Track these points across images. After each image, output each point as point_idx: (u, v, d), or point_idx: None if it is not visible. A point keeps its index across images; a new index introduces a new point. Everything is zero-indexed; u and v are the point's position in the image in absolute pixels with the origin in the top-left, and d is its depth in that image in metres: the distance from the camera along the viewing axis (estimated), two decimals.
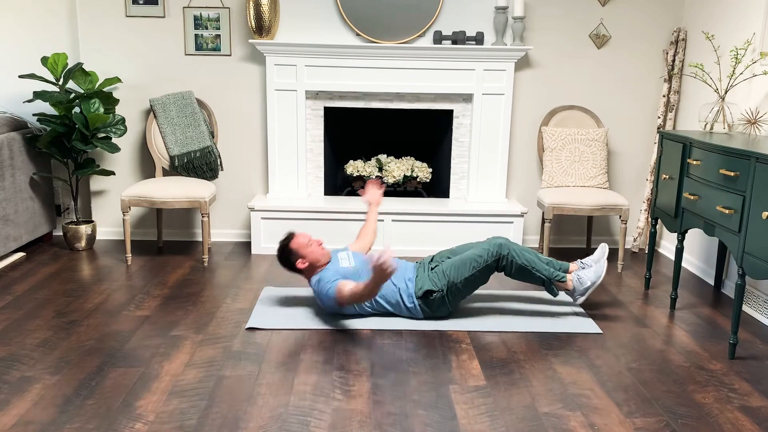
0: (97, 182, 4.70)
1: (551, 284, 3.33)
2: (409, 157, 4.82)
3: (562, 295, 3.68)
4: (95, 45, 4.49)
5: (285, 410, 2.43)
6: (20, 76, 4.09)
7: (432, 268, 3.35)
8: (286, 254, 3.33)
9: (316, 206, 4.41)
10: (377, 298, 3.24)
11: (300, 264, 3.30)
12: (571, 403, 2.53)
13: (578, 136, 4.42)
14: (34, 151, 4.33)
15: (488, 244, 3.32)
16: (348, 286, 3.11)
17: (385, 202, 4.54)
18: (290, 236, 3.36)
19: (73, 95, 4.22)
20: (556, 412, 2.47)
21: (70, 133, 4.19)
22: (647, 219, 4.62)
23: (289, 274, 4.01)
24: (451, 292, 3.24)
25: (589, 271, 3.38)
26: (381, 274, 2.85)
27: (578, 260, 3.51)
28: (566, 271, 3.42)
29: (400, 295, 3.25)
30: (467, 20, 4.48)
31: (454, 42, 4.41)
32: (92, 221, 4.56)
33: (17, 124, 4.25)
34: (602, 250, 3.47)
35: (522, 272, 3.31)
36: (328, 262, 3.34)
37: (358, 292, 3.05)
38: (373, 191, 3.76)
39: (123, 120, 4.33)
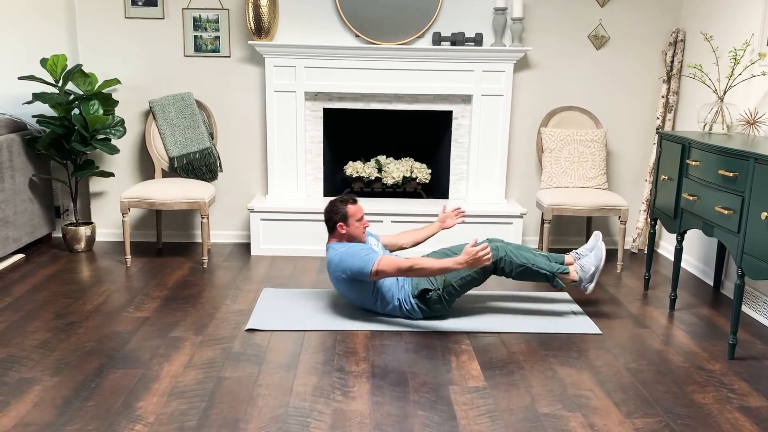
0: (96, 184, 4.70)
1: (555, 278, 3.33)
2: (408, 158, 4.83)
3: (561, 295, 3.69)
4: (94, 46, 4.49)
5: (285, 411, 2.43)
6: (19, 78, 4.09)
7: None
8: (336, 209, 3.30)
9: (315, 207, 4.41)
10: (379, 299, 3.25)
11: (340, 228, 3.29)
12: (570, 404, 2.53)
13: (577, 137, 4.43)
14: (33, 153, 4.32)
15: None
16: (399, 260, 3.08)
17: (384, 203, 4.54)
18: (352, 200, 3.33)
19: (72, 97, 4.22)
20: (556, 412, 2.47)
21: (70, 135, 4.19)
22: (646, 220, 4.63)
23: (288, 276, 4.01)
24: (447, 291, 3.24)
25: (589, 258, 3.39)
26: (476, 261, 2.99)
27: (572, 251, 3.51)
28: (563, 263, 3.41)
29: (398, 293, 3.25)
30: (466, 21, 4.48)
31: (453, 43, 4.42)
32: (92, 223, 4.56)
33: (16, 126, 4.25)
34: (596, 237, 3.45)
35: (524, 272, 3.30)
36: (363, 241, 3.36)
37: (429, 266, 3.05)
38: (452, 218, 3.67)
39: (122, 121, 4.33)
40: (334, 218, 3.30)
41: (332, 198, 3.42)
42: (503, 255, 3.27)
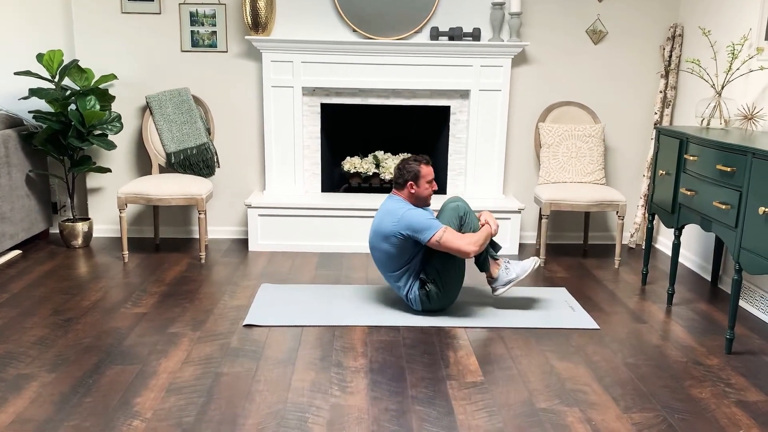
0: (93, 179, 4.69)
1: (485, 259, 3.35)
2: (406, 154, 4.82)
3: (559, 290, 3.69)
4: (91, 42, 4.48)
5: (283, 407, 2.43)
6: (15, 74, 4.07)
7: (422, 265, 3.33)
8: (410, 168, 3.26)
9: (313, 203, 4.41)
10: (401, 270, 3.26)
11: (410, 186, 3.26)
12: (568, 399, 2.54)
13: (575, 132, 4.42)
14: (30, 149, 4.31)
15: (448, 215, 3.27)
16: (460, 239, 3.11)
17: (382, 198, 4.54)
18: (425, 161, 3.29)
19: (68, 92, 4.21)
20: (554, 407, 2.47)
21: (66, 131, 4.18)
22: (644, 215, 4.63)
23: (286, 271, 4.01)
24: (441, 277, 3.23)
25: (516, 266, 3.39)
26: (495, 225, 3.22)
27: (506, 257, 3.50)
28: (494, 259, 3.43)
29: (412, 280, 3.27)
30: (464, 16, 4.47)
31: (451, 38, 4.41)
32: (89, 219, 4.55)
33: (13, 122, 4.23)
34: (533, 260, 3.41)
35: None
36: (424, 207, 3.33)
37: (477, 240, 3.13)
38: (493, 223, 3.45)
39: (119, 117, 4.32)
40: (405, 176, 3.26)
41: (405, 156, 3.37)
42: (462, 214, 3.27)
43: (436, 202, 4.48)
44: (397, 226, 3.17)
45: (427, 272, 3.25)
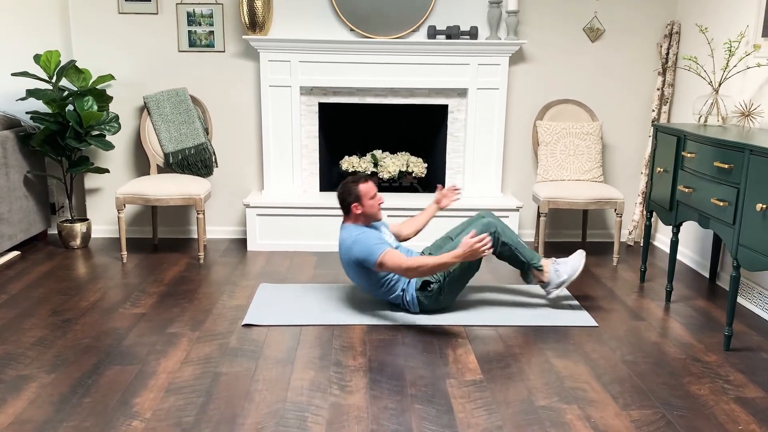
0: (91, 180, 4.69)
1: (529, 270, 3.35)
2: (404, 153, 4.82)
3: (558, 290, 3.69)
4: (88, 42, 4.48)
5: (282, 406, 2.43)
6: (13, 74, 4.07)
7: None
8: (349, 191, 3.29)
9: (311, 202, 4.41)
10: (384, 285, 3.26)
11: (354, 209, 3.28)
12: (567, 396, 2.54)
13: (573, 130, 4.43)
14: (27, 150, 4.31)
15: (476, 226, 3.30)
16: (403, 258, 3.07)
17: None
18: (364, 178, 3.32)
19: (66, 93, 4.20)
20: (553, 405, 2.48)
21: (64, 131, 4.18)
22: (642, 212, 4.64)
23: (284, 271, 4.01)
24: (447, 282, 3.24)
25: (566, 265, 3.39)
26: (473, 253, 2.93)
27: (553, 258, 3.51)
28: (539, 260, 3.42)
29: (401, 283, 3.26)
30: (461, 15, 4.47)
31: (449, 36, 4.41)
32: (87, 219, 4.55)
33: (10, 123, 4.23)
34: (579, 253, 3.44)
35: (505, 252, 3.32)
36: (373, 224, 3.34)
37: (429, 264, 3.02)
38: (449, 196, 3.62)
39: (117, 117, 4.32)
40: (348, 200, 3.29)
41: (344, 180, 3.38)
42: (493, 230, 3.28)
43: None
44: (349, 258, 3.22)
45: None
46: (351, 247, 3.20)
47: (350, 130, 4.89)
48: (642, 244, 3.99)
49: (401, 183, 4.82)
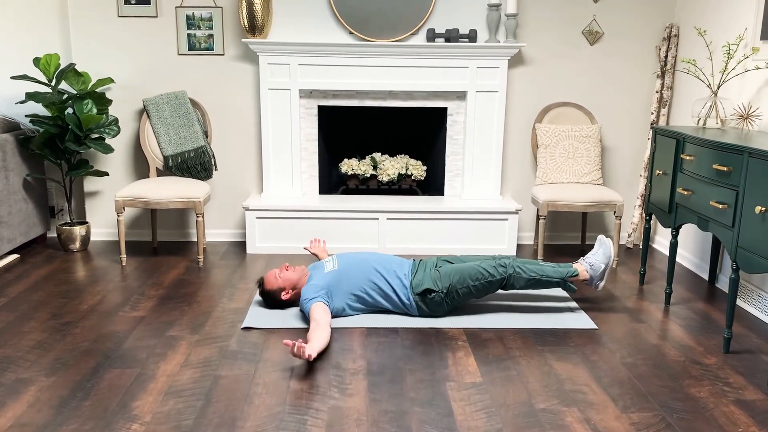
0: (90, 183, 4.69)
1: (566, 283, 3.36)
2: (403, 155, 4.82)
3: (557, 291, 3.69)
4: (88, 45, 4.48)
5: (282, 409, 2.43)
6: (12, 77, 4.07)
7: (437, 269, 3.33)
8: (270, 298, 3.36)
9: (310, 205, 4.41)
10: (368, 295, 3.26)
11: (284, 296, 3.32)
12: (567, 399, 2.54)
13: (572, 133, 4.43)
14: (27, 153, 4.31)
15: (495, 262, 3.33)
16: (319, 315, 2.98)
17: (380, 200, 4.54)
18: (260, 282, 3.39)
19: (65, 96, 4.20)
20: (553, 407, 2.48)
21: (63, 134, 4.18)
22: (641, 215, 4.64)
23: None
24: (449, 296, 3.25)
25: (598, 255, 3.42)
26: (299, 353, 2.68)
27: (579, 259, 3.51)
28: (570, 267, 3.42)
29: (394, 291, 3.26)
30: (460, 18, 4.48)
31: (448, 39, 4.41)
32: (86, 222, 4.54)
33: (10, 126, 4.23)
34: (600, 240, 3.48)
35: (535, 284, 3.34)
36: (307, 278, 3.34)
37: (317, 339, 2.82)
38: (316, 246, 3.83)
39: (116, 120, 4.32)
40: (277, 300, 3.34)
41: (259, 292, 3.41)
42: (512, 272, 3.30)
43: (434, 203, 4.50)
44: (306, 304, 3.13)
45: (437, 281, 3.24)
46: (302, 300, 3.19)
47: (349, 133, 4.89)
48: (641, 247, 3.99)
49: (400, 186, 4.82)
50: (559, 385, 2.65)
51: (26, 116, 4.26)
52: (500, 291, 3.68)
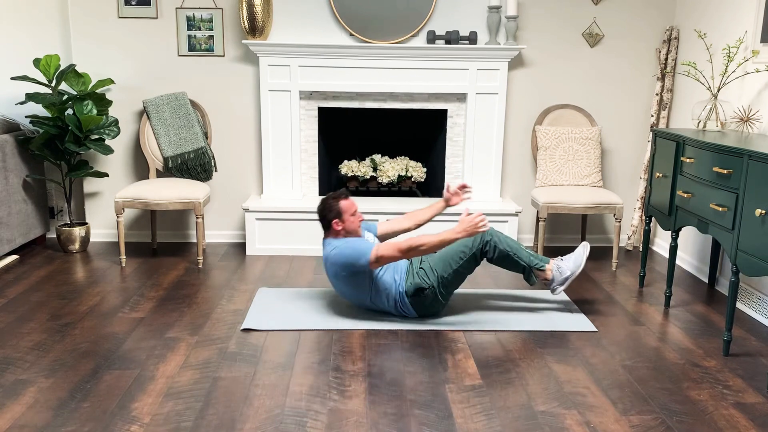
0: (90, 184, 4.68)
1: (531, 272, 3.35)
2: (403, 157, 4.82)
3: (557, 295, 3.69)
4: (88, 46, 4.48)
5: (281, 411, 2.43)
6: (12, 78, 4.07)
7: (420, 266, 3.33)
8: (330, 207, 3.29)
9: (310, 207, 4.41)
10: (374, 295, 3.25)
11: (335, 225, 3.28)
12: (566, 402, 2.54)
13: (572, 135, 4.43)
14: (26, 154, 4.31)
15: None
16: (397, 243, 3.09)
17: (380, 202, 4.54)
18: (345, 195, 3.33)
19: (65, 97, 4.20)
20: (552, 410, 2.47)
21: (63, 135, 4.18)
22: (641, 217, 4.64)
23: (283, 275, 4.01)
24: (442, 285, 3.24)
25: (568, 262, 3.39)
26: (473, 228, 3.07)
27: (558, 257, 3.50)
28: (543, 262, 3.42)
29: (393, 291, 3.25)
30: (460, 20, 4.48)
31: (448, 42, 4.42)
32: (86, 223, 4.54)
33: (10, 127, 4.23)
34: (582, 246, 3.46)
35: (504, 258, 3.31)
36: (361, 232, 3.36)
37: (429, 242, 3.08)
38: (458, 194, 3.57)
39: (116, 121, 4.32)
40: (328, 216, 3.30)
41: (324, 196, 3.40)
42: (489, 239, 3.28)
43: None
44: (339, 267, 3.20)
45: (425, 278, 3.24)
46: (340, 255, 3.18)
47: (350, 135, 4.89)
48: (641, 249, 3.99)
49: (400, 187, 4.82)
50: (558, 388, 2.65)
51: (26, 117, 4.26)
52: (500, 291, 3.68)
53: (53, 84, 4.20)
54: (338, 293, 3.42)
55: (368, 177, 4.74)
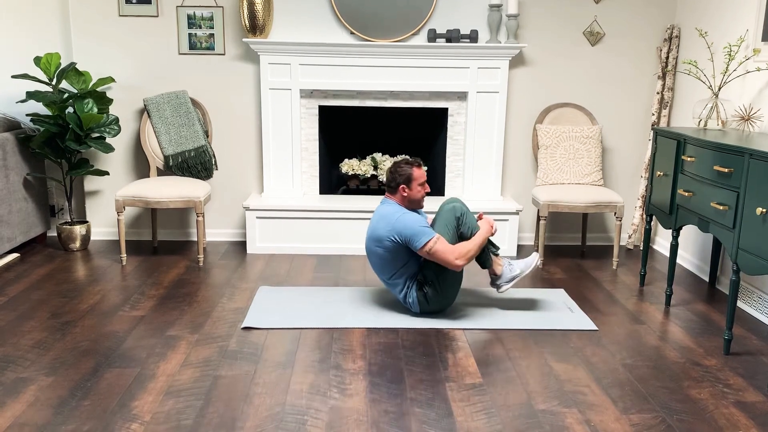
0: (91, 182, 4.69)
1: (488, 256, 3.35)
2: (404, 156, 4.82)
3: (557, 292, 3.69)
4: (88, 44, 4.48)
5: (281, 409, 2.43)
6: (13, 77, 4.07)
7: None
8: (401, 172, 3.27)
9: (311, 205, 4.41)
10: (397, 274, 3.26)
11: (402, 190, 3.27)
12: (567, 400, 2.54)
13: (573, 134, 4.43)
14: (27, 152, 4.31)
15: (445, 216, 3.26)
16: (454, 249, 3.12)
17: (380, 201, 4.53)
18: (418, 163, 3.31)
19: (66, 95, 4.20)
20: (552, 409, 2.47)
21: (64, 134, 4.18)
22: (642, 216, 4.64)
23: (284, 274, 4.01)
24: (443, 285, 3.24)
25: (520, 263, 3.41)
26: (491, 225, 3.26)
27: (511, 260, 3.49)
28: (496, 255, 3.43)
29: (410, 283, 3.27)
30: (461, 18, 4.48)
31: (449, 40, 4.41)
32: (87, 222, 4.54)
33: (10, 125, 4.23)
34: (534, 256, 3.44)
35: (467, 235, 3.29)
36: (417, 210, 3.35)
37: (474, 249, 3.17)
38: (487, 227, 3.37)
39: (117, 120, 4.32)
40: (398, 179, 3.28)
41: (397, 159, 3.35)
42: (459, 215, 3.26)
43: (434, 203, 4.49)
44: (390, 231, 3.18)
45: (425, 275, 3.25)
46: (398, 222, 3.16)
47: (350, 133, 4.89)
48: (642, 248, 3.99)
49: None
50: (559, 386, 2.65)
51: (27, 115, 4.26)
52: (494, 289, 3.68)
53: (54, 82, 4.20)
54: (367, 253, 3.35)
55: (369, 176, 4.74)
